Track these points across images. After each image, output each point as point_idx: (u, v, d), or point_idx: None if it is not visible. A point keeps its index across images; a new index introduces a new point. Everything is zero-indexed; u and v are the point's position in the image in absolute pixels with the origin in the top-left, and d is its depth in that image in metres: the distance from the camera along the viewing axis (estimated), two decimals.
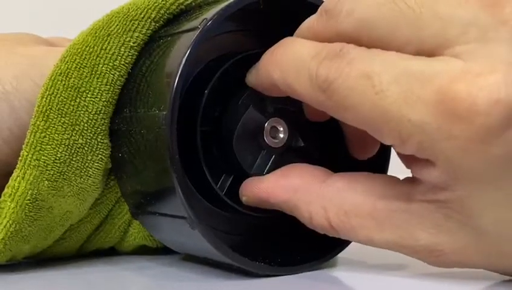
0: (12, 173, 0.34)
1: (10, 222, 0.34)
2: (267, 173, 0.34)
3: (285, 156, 0.35)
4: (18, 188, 0.34)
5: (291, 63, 0.31)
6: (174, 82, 0.31)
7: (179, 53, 0.31)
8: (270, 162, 0.35)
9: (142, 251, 0.39)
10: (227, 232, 0.35)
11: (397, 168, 0.35)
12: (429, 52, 0.28)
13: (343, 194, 0.32)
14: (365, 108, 0.29)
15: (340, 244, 0.35)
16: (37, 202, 0.34)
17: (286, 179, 0.33)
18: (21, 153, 0.34)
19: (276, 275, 0.33)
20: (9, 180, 0.34)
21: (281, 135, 0.35)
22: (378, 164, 0.37)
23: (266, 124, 0.34)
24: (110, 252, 0.40)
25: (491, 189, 0.28)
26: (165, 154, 0.31)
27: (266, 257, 0.33)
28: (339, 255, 0.35)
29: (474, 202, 0.29)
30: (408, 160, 0.30)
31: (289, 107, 0.35)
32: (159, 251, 0.39)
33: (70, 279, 0.35)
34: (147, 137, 0.32)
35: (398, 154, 0.30)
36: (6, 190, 0.34)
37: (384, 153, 0.37)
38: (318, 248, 0.35)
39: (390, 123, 0.28)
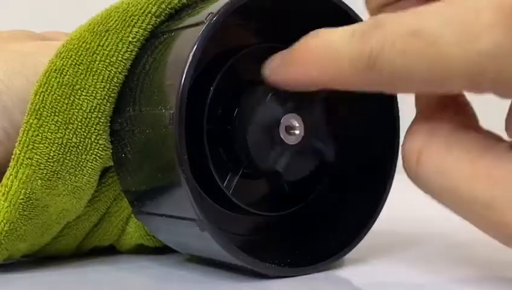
0: None
1: (4, 221, 0.33)
2: (282, 169, 0.33)
3: (301, 155, 0.33)
4: (11, 187, 0.33)
5: (328, 56, 0.28)
6: (181, 80, 0.30)
7: (185, 49, 0.30)
8: (284, 157, 0.33)
9: (141, 250, 0.39)
10: (235, 232, 0.35)
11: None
12: None
13: None
14: (422, 66, 0.25)
15: (349, 244, 0.34)
16: (30, 201, 0.34)
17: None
18: (14, 152, 0.34)
19: (285, 277, 0.32)
20: (3, 179, 0.34)
21: (297, 132, 0.33)
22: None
23: (282, 120, 0.32)
24: (110, 252, 0.39)
25: None
26: (173, 155, 0.30)
27: (275, 258, 0.32)
28: (347, 255, 0.34)
29: None
30: None
31: (305, 103, 0.33)
32: (158, 250, 0.38)
33: (70, 278, 0.35)
34: (152, 137, 0.31)
35: None
36: None
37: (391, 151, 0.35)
38: (327, 248, 0.34)
39: (455, 69, 0.25)
